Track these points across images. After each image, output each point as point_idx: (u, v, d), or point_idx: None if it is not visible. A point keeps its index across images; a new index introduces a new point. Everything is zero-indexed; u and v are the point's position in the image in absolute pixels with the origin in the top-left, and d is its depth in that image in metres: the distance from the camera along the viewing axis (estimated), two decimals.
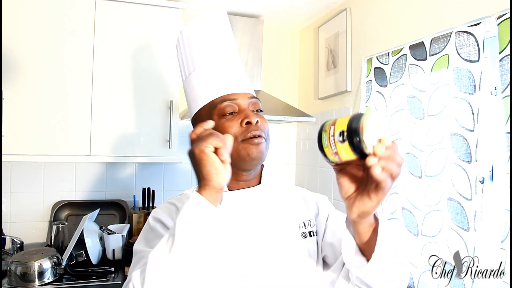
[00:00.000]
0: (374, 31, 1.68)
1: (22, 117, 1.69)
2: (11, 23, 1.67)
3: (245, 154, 0.80)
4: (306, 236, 0.87)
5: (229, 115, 0.83)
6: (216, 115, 0.83)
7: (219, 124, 0.82)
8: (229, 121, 0.82)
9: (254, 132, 0.81)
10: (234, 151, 0.80)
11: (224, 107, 0.83)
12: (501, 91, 1.06)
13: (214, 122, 0.74)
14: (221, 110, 0.83)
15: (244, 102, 0.85)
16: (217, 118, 0.83)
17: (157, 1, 1.85)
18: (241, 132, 0.81)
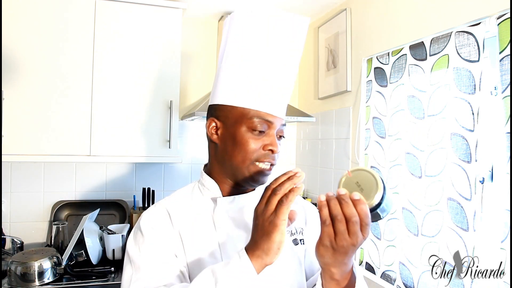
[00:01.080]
0: (374, 31, 1.68)
1: (22, 117, 1.69)
2: (11, 23, 1.67)
3: (249, 177, 0.80)
4: (298, 243, 0.87)
5: (258, 132, 0.80)
6: (245, 125, 0.80)
7: (243, 135, 0.80)
8: (254, 139, 0.79)
9: (271, 161, 0.81)
10: (242, 166, 0.80)
11: (258, 123, 0.79)
12: (501, 91, 1.06)
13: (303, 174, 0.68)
14: (253, 124, 0.79)
15: (275, 128, 0.82)
16: (244, 128, 0.80)
17: (157, 1, 1.85)
18: (259, 155, 0.80)
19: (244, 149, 0.79)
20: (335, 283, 0.70)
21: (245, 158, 0.79)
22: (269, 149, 0.80)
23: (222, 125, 0.83)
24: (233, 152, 0.80)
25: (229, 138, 0.81)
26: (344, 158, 1.89)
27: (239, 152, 0.80)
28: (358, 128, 1.73)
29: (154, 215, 0.83)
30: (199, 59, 2.29)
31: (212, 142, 0.85)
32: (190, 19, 2.24)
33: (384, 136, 1.56)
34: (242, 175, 0.81)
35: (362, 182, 0.65)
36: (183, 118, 2.14)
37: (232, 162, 0.81)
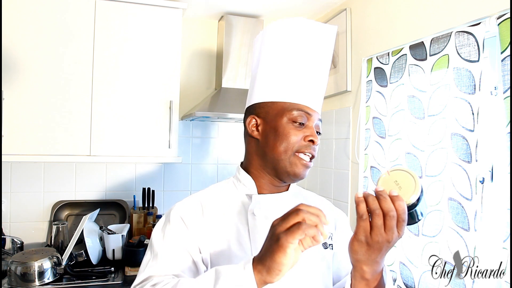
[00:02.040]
0: (374, 31, 1.68)
1: (22, 117, 1.69)
2: (11, 23, 1.67)
3: (291, 169, 0.82)
4: (327, 247, 0.87)
5: (298, 124, 0.83)
6: (286, 118, 0.83)
7: (285, 126, 0.82)
8: (295, 130, 0.82)
9: (312, 152, 0.82)
10: (284, 158, 0.81)
11: (298, 115, 0.83)
12: (502, 92, 1.06)
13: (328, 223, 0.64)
14: (294, 116, 0.83)
15: (314, 121, 0.85)
16: (285, 120, 0.83)
17: (157, 1, 1.85)
18: (301, 145, 0.82)
19: (286, 139, 0.81)
20: (365, 283, 0.71)
21: (287, 148, 0.81)
22: (310, 140, 0.82)
23: (262, 121, 0.86)
24: (275, 144, 0.82)
25: (271, 131, 0.83)
26: (344, 158, 1.89)
27: (281, 143, 0.81)
28: (358, 128, 1.73)
29: (186, 206, 0.84)
30: (199, 59, 2.29)
31: (253, 138, 0.87)
32: (190, 19, 2.24)
33: (384, 136, 1.56)
34: (283, 167, 0.82)
35: (401, 181, 0.67)
36: (183, 118, 2.14)
37: (274, 153, 0.82)
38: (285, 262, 0.60)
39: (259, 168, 0.86)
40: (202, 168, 2.29)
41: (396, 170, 0.68)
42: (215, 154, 2.31)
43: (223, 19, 2.15)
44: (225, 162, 2.32)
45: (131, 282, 1.78)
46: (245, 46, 2.13)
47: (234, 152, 2.33)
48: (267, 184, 0.86)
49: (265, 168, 0.86)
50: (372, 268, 0.69)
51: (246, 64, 2.13)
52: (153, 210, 2.09)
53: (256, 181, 0.86)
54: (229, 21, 2.12)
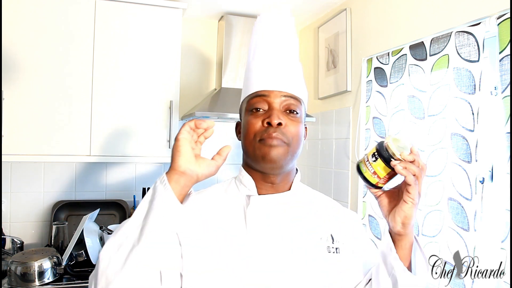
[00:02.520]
0: (374, 31, 1.68)
1: (22, 117, 1.69)
2: (11, 23, 1.67)
3: (259, 155, 0.79)
4: (330, 251, 0.82)
5: (256, 111, 0.81)
6: (247, 110, 0.84)
7: (247, 119, 0.83)
8: (254, 118, 0.81)
9: (272, 134, 0.78)
10: (251, 150, 0.81)
11: (254, 102, 0.82)
12: (501, 91, 1.06)
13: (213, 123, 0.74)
14: (250, 105, 0.83)
15: (275, 100, 0.81)
16: (247, 113, 0.83)
17: (157, 1, 1.85)
18: (260, 132, 0.80)
19: (248, 130, 0.81)
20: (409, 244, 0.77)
21: (250, 138, 0.81)
22: (267, 123, 0.79)
23: (240, 123, 0.89)
24: (244, 140, 0.84)
25: (242, 129, 0.85)
26: (344, 158, 1.89)
27: (246, 136, 0.82)
28: (358, 128, 1.73)
29: None
30: (199, 59, 2.29)
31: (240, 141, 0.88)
32: (190, 19, 2.24)
33: (384, 136, 1.56)
34: (255, 159, 0.81)
35: (402, 145, 0.73)
36: (183, 118, 2.14)
37: (245, 149, 0.84)
38: (180, 152, 0.68)
39: (248, 168, 0.87)
40: None
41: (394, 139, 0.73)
42: None
43: (223, 19, 2.15)
44: (225, 162, 2.31)
45: None
46: (245, 46, 2.13)
47: (234, 152, 2.33)
48: (260, 182, 0.84)
49: (251, 167, 0.85)
50: (409, 241, 0.76)
51: (246, 64, 2.13)
52: None
53: (255, 181, 0.85)
54: (229, 21, 2.12)
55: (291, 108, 0.83)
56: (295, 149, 0.82)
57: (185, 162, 0.68)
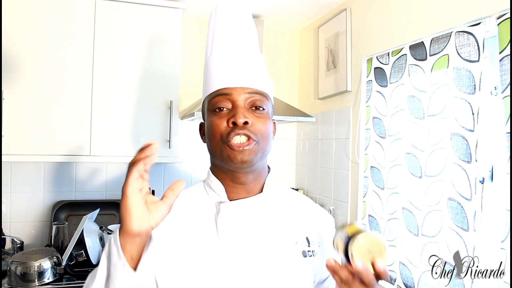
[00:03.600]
0: (374, 31, 1.68)
1: (22, 117, 1.69)
2: (11, 23, 1.67)
3: (227, 157, 0.75)
4: (306, 255, 0.80)
5: (219, 110, 0.76)
6: (209, 110, 0.79)
7: (210, 119, 0.78)
8: (218, 119, 0.76)
9: (238, 133, 0.73)
10: (219, 152, 0.76)
11: (216, 102, 0.77)
12: (501, 91, 1.06)
13: (156, 145, 0.66)
14: (212, 105, 0.77)
15: (239, 98, 0.76)
16: (210, 113, 0.78)
17: (157, 1, 1.85)
18: (226, 133, 0.74)
19: (213, 132, 0.77)
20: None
21: (215, 139, 0.76)
22: (232, 123, 0.74)
23: (204, 125, 0.84)
24: (209, 141, 0.80)
25: (207, 131, 0.81)
26: (344, 158, 1.89)
27: (211, 138, 0.78)
28: (358, 128, 1.73)
29: None
30: (199, 59, 2.28)
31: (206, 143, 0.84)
32: (190, 19, 2.24)
33: (384, 136, 1.56)
34: (221, 160, 0.77)
35: (372, 248, 0.69)
36: (183, 118, 2.14)
37: (212, 151, 0.80)
38: (131, 212, 0.60)
39: (216, 170, 0.83)
40: (202, 168, 2.29)
41: (366, 238, 0.69)
42: None
43: None
44: None
45: None
46: None
47: None
48: (234, 186, 0.80)
49: (218, 169, 0.81)
50: None
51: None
52: None
53: (225, 183, 0.80)
54: None
55: (256, 104, 0.78)
56: (264, 146, 0.78)
57: (137, 223, 0.61)
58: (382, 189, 1.56)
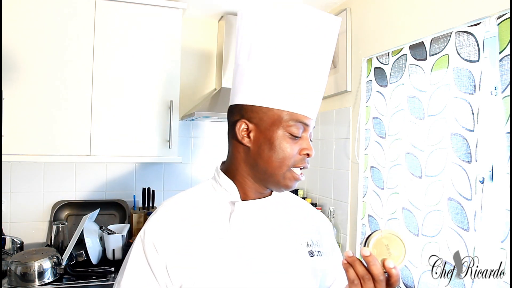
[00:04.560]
0: (374, 31, 1.68)
1: (22, 117, 1.69)
2: (11, 23, 1.67)
3: (283, 183, 0.77)
4: (314, 255, 0.83)
5: (294, 136, 0.76)
6: (283, 129, 0.75)
7: (281, 140, 0.75)
8: (292, 144, 0.76)
9: (306, 165, 0.78)
10: (279, 173, 0.76)
11: (296, 128, 0.76)
12: (501, 91, 1.06)
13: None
14: (289, 128, 0.75)
15: (310, 130, 0.79)
16: (281, 132, 0.75)
17: (157, 1, 1.85)
18: (296, 160, 0.77)
19: (283, 155, 0.75)
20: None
21: (283, 164, 0.76)
22: (306, 153, 0.77)
23: (255, 128, 0.77)
24: (269, 158, 0.76)
25: (265, 142, 0.76)
26: (344, 158, 1.89)
27: (277, 157, 0.75)
28: (358, 128, 1.73)
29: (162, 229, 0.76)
30: (199, 59, 2.29)
31: (242, 145, 0.79)
32: (190, 19, 2.24)
33: (384, 136, 1.56)
34: (275, 181, 0.77)
35: (391, 246, 0.69)
36: (183, 118, 2.14)
37: (268, 167, 0.76)
38: None
39: (245, 175, 0.80)
40: (202, 168, 2.29)
41: (389, 234, 0.69)
42: (215, 154, 2.30)
43: (223, 19, 2.15)
44: None
45: None
46: None
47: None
48: (251, 191, 0.81)
49: (253, 178, 0.80)
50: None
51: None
52: (153, 210, 2.09)
53: (240, 187, 0.81)
54: (229, 21, 2.12)
55: (311, 138, 0.81)
56: None
57: None
58: (382, 189, 1.56)
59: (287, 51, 0.76)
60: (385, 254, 0.68)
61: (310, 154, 0.77)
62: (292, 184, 0.78)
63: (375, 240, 0.68)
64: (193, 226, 0.77)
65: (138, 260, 0.75)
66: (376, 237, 0.68)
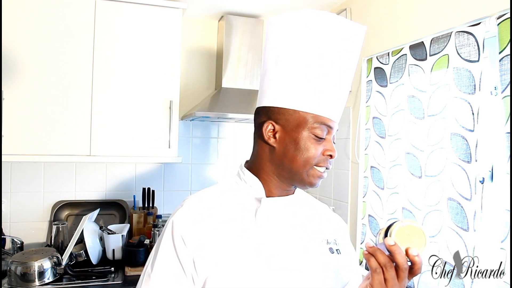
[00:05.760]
0: (374, 31, 1.68)
1: (22, 117, 1.69)
2: (11, 23, 1.67)
3: (308, 180, 0.81)
4: (334, 252, 0.86)
5: (318, 138, 0.80)
6: (308, 130, 0.79)
7: (306, 140, 0.79)
8: (315, 144, 0.79)
9: (329, 165, 0.82)
10: (303, 171, 0.80)
11: (320, 130, 0.79)
12: (501, 91, 1.06)
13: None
14: (314, 130, 0.79)
15: (333, 133, 0.83)
16: (306, 133, 0.79)
17: (157, 1, 1.85)
18: (319, 160, 0.80)
19: (307, 154, 0.79)
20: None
21: (307, 163, 0.80)
22: (329, 155, 0.81)
23: (281, 129, 0.81)
24: (294, 157, 0.80)
25: (290, 142, 0.80)
26: (344, 158, 1.89)
27: (301, 157, 0.79)
28: (358, 128, 1.73)
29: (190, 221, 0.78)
30: (199, 59, 2.29)
31: (268, 145, 0.83)
32: (190, 19, 2.24)
33: (384, 136, 1.56)
34: (300, 179, 0.81)
35: (412, 235, 0.71)
36: (183, 118, 2.14)
37: (293, 165, 0.80)
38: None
39: (271, 174, 0.84)
40: (202, 168, 2.29)
41: (409, 223, 0.72)
42: (215, 154, 2.31)
43: (223, 19, 2.15)
44: (225, 162, 2.31)
45: (131, 282, 1.78)
46: (245, 46, 2.13)
47: (234, 152, 2.33)
48: (276, 188, 0.85)
49: (278, 176, 0.84)
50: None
51: (246, 64, 2.13)
52: (153, 210, 2.09)
53: (265, 184, 0.84)
54: (229, 21, 2.12)
55: (334, 140, 0.85)
56: None
57: None
58: (382, 189, 1.56)
59: (313, 57, 0.80)
60: (407, 243, 0.70)
61: (333, 156, 0.81)
62: (316, 181, 0.81)
63: (396, 230, 0.70)
64: (219, 221, 0.79)
65: (168, 252, 0.77)
66: (398, 227, 0.71)
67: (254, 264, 0.76)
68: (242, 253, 0.77)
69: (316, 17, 0.81)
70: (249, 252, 0.77)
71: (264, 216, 0.81)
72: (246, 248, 0.77)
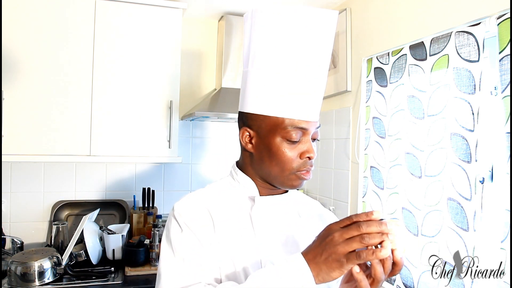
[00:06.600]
0: (374, 31, 1.68)
1: (22, 117, 1.69)
2: (11, 23, 1.67)
3: (289, 184, 0.80)
4: None
5: (292, 142, 0.78)
6: (279, 135, 0.77)
7: (279, 145, 0.77)
8: (290, 149, 0.77)
9: (309, 167, 0.79)
10: (283, 178, 0.79)
11: (292, 132, 0.77)
12: (501, 91, 1.06)
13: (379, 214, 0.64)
14: (287, 134, 0.77)
15: (310, 133, 0.80)
16: (279, 138, 0.78)
17: (157, 1, 1.85)
18: (298, 164, 0.78)
19: (282, 160, 0.78)
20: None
21: (284, 169, 0.78)
22: (307, 157, 0.78)
23: (255, 135, 0.81)
24: (270, 163, 0.79)
25: (264, 149, 0.79)
26: (344, 158, 1.89)
27: (277, 164, 0.78)
28: (358, 128, 1.73)
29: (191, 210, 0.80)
30: (199, 59, 2.29)
31: (247, 151, 0.83)
32: (190, 19, 2.24)
33: (384, 136, 1.56)
34: (280, 182, 0.81)
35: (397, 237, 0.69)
36: (183, 118, 2.14)
37: (271, 171, 0.80)
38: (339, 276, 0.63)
39: (254, 176, 0.84)
40: (202, 168, 2.29)
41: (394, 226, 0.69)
42: (215, 154, 2.30)
43: (223, 19, 2.15)
44: (225, 162, 2.31)
45: (131, 282, 1.78)
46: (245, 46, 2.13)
47: (234, 152, 2.33)
48: (263, 189, 0.85)
49: (261, 178, 0.84)
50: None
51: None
52: (153, 210, 2.09)
53: (255, 182, 0.85)
54: (229, 21, 2.12)
55: (316, 137, 0.82)
56: None
57: None
58: (382, 189, 1.56)
59: (282, 57, 0.77)
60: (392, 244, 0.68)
61: (311, 157, 0.79)
62: (297, 184, 0.80)
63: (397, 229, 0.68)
64: (216, 215, 0.80)
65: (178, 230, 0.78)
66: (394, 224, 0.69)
67: (249, 261, 0.77)
68: (238, 251, 0.78)
69: (281, 13, 0.77)
70: (245, 249, 0.78)
71: (259, 214, 0.82)
72: (242, 246, 0.78)
